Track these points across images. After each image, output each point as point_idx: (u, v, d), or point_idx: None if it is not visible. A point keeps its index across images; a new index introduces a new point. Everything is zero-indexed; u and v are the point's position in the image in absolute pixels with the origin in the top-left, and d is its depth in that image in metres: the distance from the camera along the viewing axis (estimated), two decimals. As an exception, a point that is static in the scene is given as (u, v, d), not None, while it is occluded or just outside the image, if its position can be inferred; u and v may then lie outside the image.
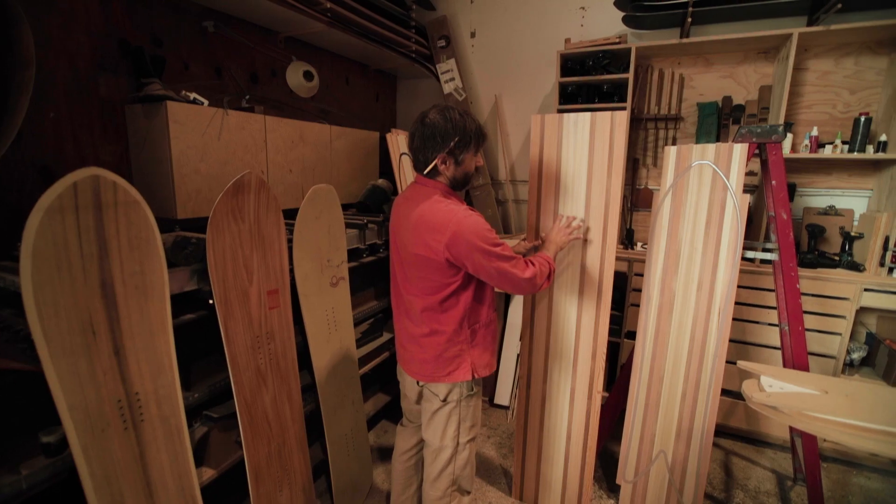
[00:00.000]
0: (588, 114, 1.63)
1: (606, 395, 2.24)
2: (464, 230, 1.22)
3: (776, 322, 2.13)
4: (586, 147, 1.64)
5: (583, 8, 2.91)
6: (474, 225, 1.23)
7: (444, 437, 1.45)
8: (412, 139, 1.31)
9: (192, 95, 1.76)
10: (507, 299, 2.74)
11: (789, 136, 2.36)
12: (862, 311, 2.21)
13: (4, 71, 1.22)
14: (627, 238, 2.80)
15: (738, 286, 1.93)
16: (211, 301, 1.37)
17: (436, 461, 1.48)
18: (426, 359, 1.40)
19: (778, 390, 1.42)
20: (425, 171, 1.32)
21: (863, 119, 2.22)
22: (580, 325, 1.75)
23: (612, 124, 1.60)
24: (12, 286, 1.15)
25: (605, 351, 1.73)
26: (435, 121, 1.25)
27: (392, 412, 2.53)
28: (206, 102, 1.78)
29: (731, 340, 2.26)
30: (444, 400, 1.42)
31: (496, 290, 1.48)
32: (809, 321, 2.18)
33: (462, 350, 1.39)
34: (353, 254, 2.06)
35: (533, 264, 1.34)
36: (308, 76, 2.42)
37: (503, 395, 2.71)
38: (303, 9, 2.14)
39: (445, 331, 1.36)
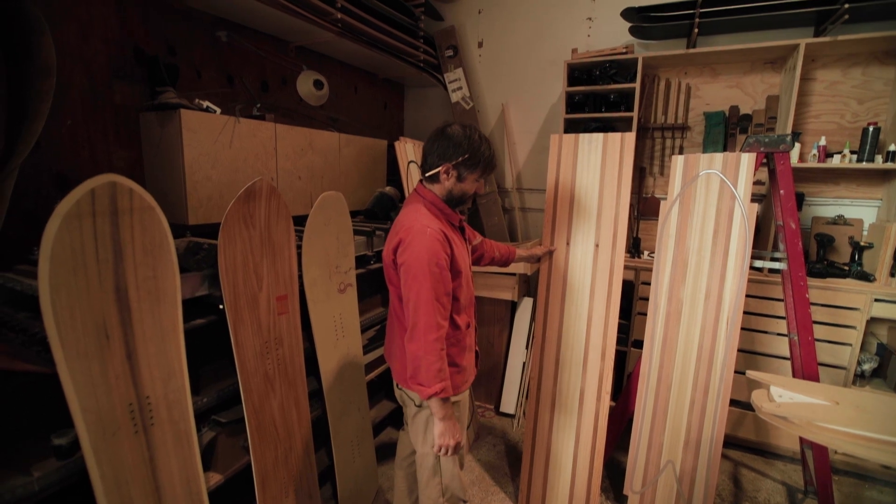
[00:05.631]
0: (600, 134, 1.76)
1: (613, 403, 2.23)
2: (415, 237, 1.22)
3: (785, 332, 2.11)
4: (599, 163, 1.77)
5: (589, 18, 2.94)
6: (429, 242, 1.22)
7: (425, 443, 1.43)
8: (428, 141, 1.35)
9: (206, 104, 1.78)
10: (513, 308, 2.73)
11: (797, 145, 2.36)
12: (872, 321, 2.18)
13: (25, 79, 1.24)
14: (634, 246, 2.79)
15: (747, 295, 1.92)
16: (221, 306, 1.38)
17: (422, 468, 1.47)
18: (399, 356, 1.40)
19: (788, 401, 1.41)
20: (427, 174, 1.34)
21: (871, 129, 2.21)
22: (591, 324, 1.80)
23: (622, 144, 1.72)
24: (29, 289, 1.17)
25: (613, 352, 1.76)
26: (455, 132, 1.29)
27: (397, 419, 2.53)
28: (218, 110, 1.81)
29: (739, 350, 2.25)
30: (419, 405, 1.41)
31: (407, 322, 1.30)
32: (819, 331, 2.16)
33: None
34: (360, 260, 2.07)
35: (443, 350, 1.26)
36: (318, 85, 2.45)
37: (509, 403, 2.70)
38: (314, 19, 2.17)
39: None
